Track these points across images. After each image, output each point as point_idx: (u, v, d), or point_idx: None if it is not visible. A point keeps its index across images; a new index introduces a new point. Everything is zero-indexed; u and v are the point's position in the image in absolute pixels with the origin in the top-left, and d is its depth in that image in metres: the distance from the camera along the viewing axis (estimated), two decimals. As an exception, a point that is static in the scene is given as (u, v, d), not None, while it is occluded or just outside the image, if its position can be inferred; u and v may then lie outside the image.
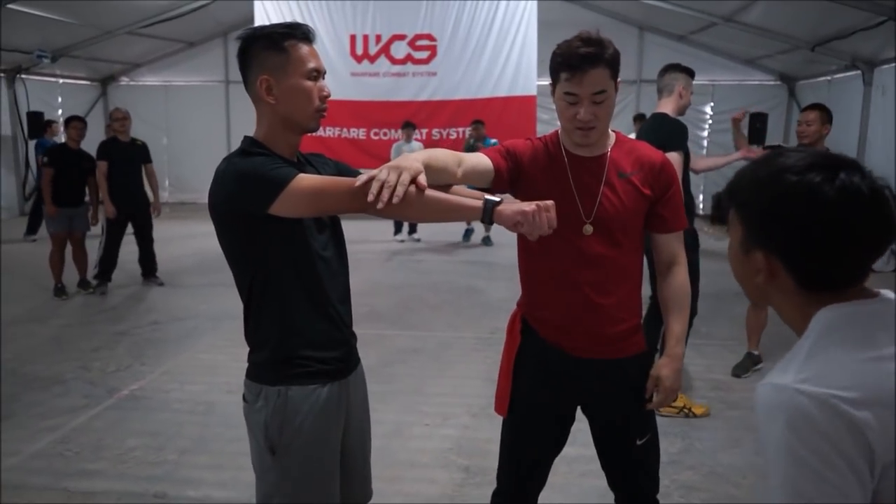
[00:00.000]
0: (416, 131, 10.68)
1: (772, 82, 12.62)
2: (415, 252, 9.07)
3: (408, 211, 1.61)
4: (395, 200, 1.49)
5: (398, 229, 9.89)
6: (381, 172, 1.54)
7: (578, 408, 2.15)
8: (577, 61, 1.82)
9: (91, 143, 7.15)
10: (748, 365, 4.66)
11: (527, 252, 2.10)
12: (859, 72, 9.68)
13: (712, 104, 12.59)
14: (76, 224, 6.75)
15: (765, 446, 0.94)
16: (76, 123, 6.84)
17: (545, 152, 2.02)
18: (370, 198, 1.49)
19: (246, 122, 9.32)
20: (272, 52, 1.69)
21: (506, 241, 9.75)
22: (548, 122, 12.77)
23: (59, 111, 12.80)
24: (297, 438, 1.73)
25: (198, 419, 3.96)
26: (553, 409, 2.10)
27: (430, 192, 1.60)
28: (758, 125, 10.34)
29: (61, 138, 10.33)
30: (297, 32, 1.69)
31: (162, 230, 7.41)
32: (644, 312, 2.61)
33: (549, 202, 1.64)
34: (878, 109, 9.32)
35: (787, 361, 0.97)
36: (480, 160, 1.91)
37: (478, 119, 9.92)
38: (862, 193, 0.92)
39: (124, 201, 6.86)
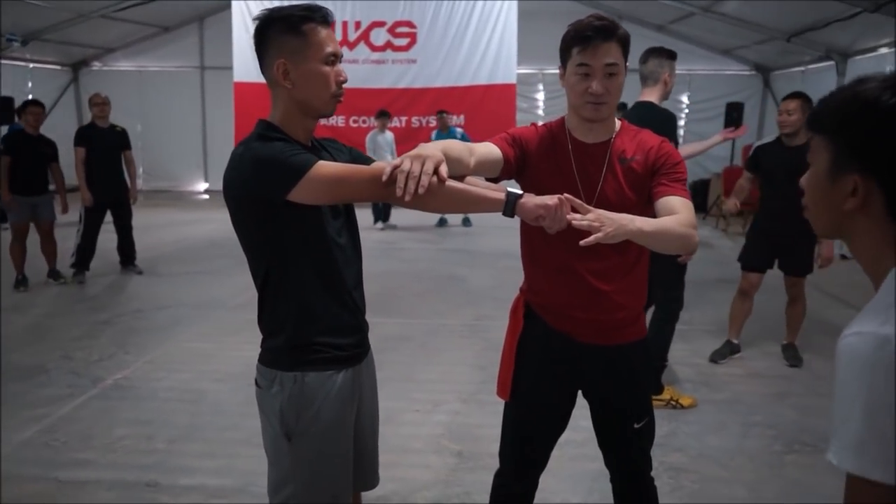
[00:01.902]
0: (396, 119, 10.67)
1: (747, 72, 12.78)
2: (396, 240, 9.06)
3: (432, 202, 1.62)
4: (420, 191, 1.49)
5: (377, 218, 9.88)
6: (405, 163, 1.54)
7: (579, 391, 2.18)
8: (592, 32, 1.85)
9: (61, 129, 6.98)
10: (726, 352, 4.72)
11: (529, 239, 2.11)
12: (833, 62, 9.83)
13: (689, 93, 12.72)
14: (41, 213, 6.50)
15: (846, 391, 0.92)
16: (33, 108, 6.54)
17: (550, 139, 2.03)
18: (399, 192, 1.49)
19: (222, 108, 9.29)
20: (290, 35, 1.67)
21: (486, 227, 9.80)
22: (526, 111, 12.82)
23: (29, 96, 12.51)
24: (313, 425, 1.73)
25: (187, 408, 3.93)
26: (555, 392, 2.12)
27: (452, 184, 1.61)
28: (734, 114, 10.47)
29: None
30: (317, 16, 1.67)
31: (138, 218, 7.29)
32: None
33: (570, 197, 1.65)
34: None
35: (882, 310, 0.94)
36: (490, 150, 1.92)
37: (442, 109, 10.04)
38: None
39: (103, 188, 6.73)
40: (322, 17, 1.68)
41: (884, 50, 8.82)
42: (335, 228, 1.76)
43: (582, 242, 1.64)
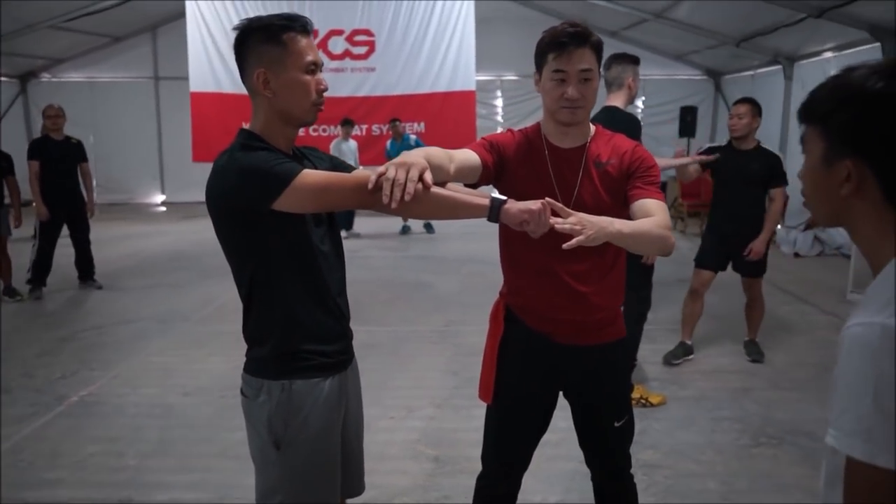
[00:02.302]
0: (356, 127, 10.65)
1: (699, 77, 13.11)
2: (361, 248, 9.03)
3: (417, 208, 1.63)
4: (406, 198, 1.50)
5: (340, 226, 9.85)
6: (390, 171, 1.55)
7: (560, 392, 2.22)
8: (567, 38, 1.90)
9: (9, 143, 6.78)
10: (679, 353, 4.75)
11: (508, 243, 2.14)
12: (781, 66, 10.16)
13: (643, 98, 12.97)
14: None
15: (851, 378, 0.94)
16: None
17: (526, 144, 2.07)
18: (385, 199, 1.50)
19: (178, 119, 9.15)
20: (270, 45, 1.67)
21: (449, 233, 9.84)
22: (486, 118, 12.94)
23: (-25, 109, 12.15)
24: (302, 432, 1.73)
25: (156, 422, 3.86)
26: (537, 394, 2.16)
27: (437, 190, 1.63)
28: (688, 118, 10.75)
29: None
30: (297, 25, 1.68)
31: (95, 232, 7.10)
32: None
33: (551, 201, 1.69)
34: (798, 102, 9.68)
35: (885, 300, 0.96)
36: (469, 156, 1.94)
37: (395, 118, 10.12)
38: None
39: (59, 202, 6.56)
40: (302, 27, 1.69)
41: (828, 54, 9.15)
42: (318, 236, 1.76)
43: (565, 245, 1.67)
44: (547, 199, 1.70)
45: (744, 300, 4.91)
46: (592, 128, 2.09)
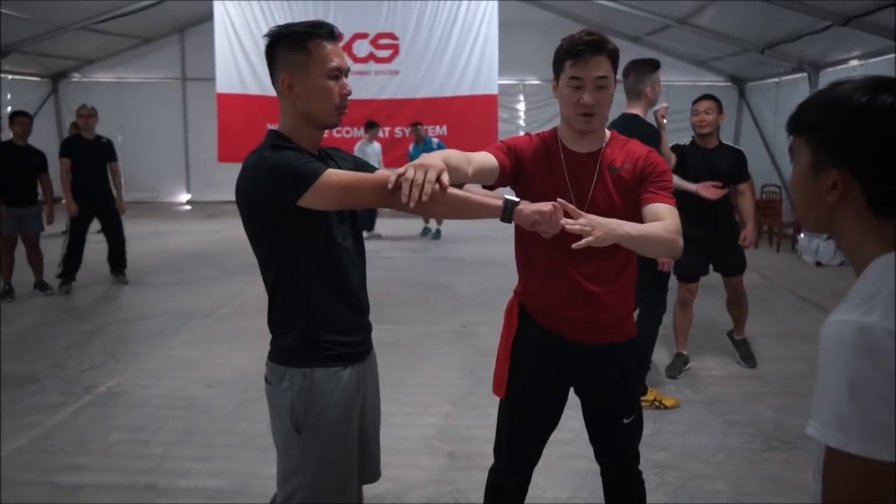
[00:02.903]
0: (380, 129, 10.77)
1: (723, 83, 13.04)
2: (382, 249, 9.14)
3: (434, 208, 1.72)
4: (424, 198, 1.59)
5: (362, 227, 9.96)
6: (409, 172, 1.64)
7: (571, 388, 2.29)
8: (583, 46, 1.97)
9: (41, 141, 6.99)
10: (679, 366, 4.69)
11: (523, 244, 2.21)
12: (806, 74, 10.10)
13: (666, 105, 12.89)
14: (28, 225, 6.51)
15: (830, 373, 1.01)
16: (21, 119, 6.55)
17: (543, 148, 2.14)
18: (403, 199, 1.60)
19: (204, 119, 9.34)
20: (295, 51, 1.76)
21: (468, 237, 9.91)
22: (508, 122, 12.99)
23: (8, 108, 12.44)
24: (321, 418, 1.82)
25: (180, 413, 3.98)
26: (549, 389, 2.23)
27: (453, 191, 1.71)
28: (710, 125, 10.73)
29: (9, 134, 10.06)
30: (322, 31, 1.77)
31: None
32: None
33: (563, 202, 1.77)
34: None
35: (864, 299, 1.02)
36: (487, 159, 2.02)
37: (416, 121, 10.21)
38: None
39: (88, 199, 6.76)
40: (328, 32, 1.79)
41: (854, 62, 9.10)
42: (341, 233, 1.85)
43: (574, 245, 1.75)
44: (559, 200, 1.77)
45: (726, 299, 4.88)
46: (608, 133, 2.16)
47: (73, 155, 6.73)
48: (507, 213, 1.77)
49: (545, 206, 1.74)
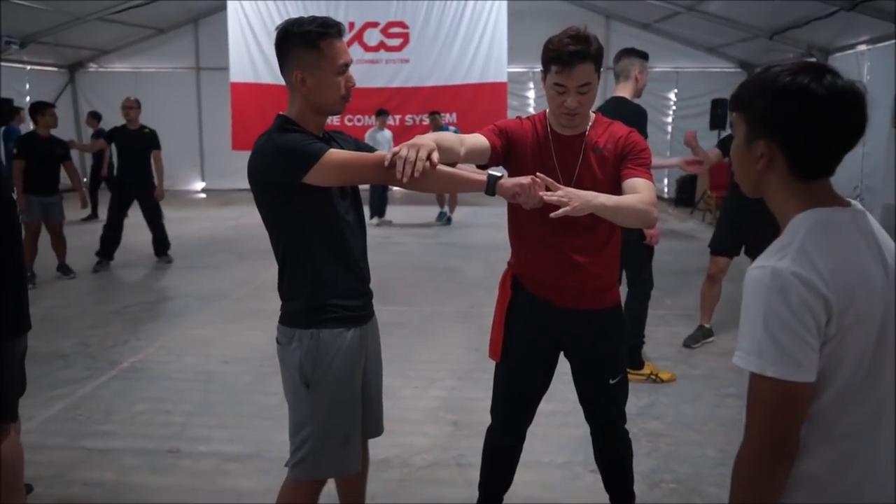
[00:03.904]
0: (390, 117, 10.93)
1: (732, 69, 13.08)
2: (391, 235, 9.34)
3: (425, 183, 1.91)
4: (415, 175, 1.79)
5: (373, 213, 10.16)
6: (402, 150, 1.84)
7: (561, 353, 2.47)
8: (567, 57, 2.11)
9: (58, 130, 7.22)
10: (699, 337, 4.93)
11: (514, 219, 2.39)
12: (815, 59, 10.15)
13: (676, 91, 13.04)
14: (51, 213, 6.72)
15: (749, 310, 1.19)
16: (49, 110, 6.77)
17: (533, 131, 2.31)
18: (398, 175, 1.80)
19: (218, 108, 9.61)
20: (307, 49, 1.94)
21: (478, 224, 10.08)
22: (518, 109, 13.09)
23: (27, 98, 12.71)
24: (328, 374, 2.02)
25: (199, 387, 4.20)
26: (540, 352, 2.41)
27: (442, 168, 1.90)
28: (719, 111, 10.77)
29: (29, 125, 10.34)
30: (332, 31, 1.94)
31: (138, 217, 7.59)
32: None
33: (542, 176, 1.94)
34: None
35: (780, 249, 1.21)
36: (479, 140, 2.20)
37: (435, 110, 10.37)
38: (845, 90, 1.20)
39: (130, 185, 7.28)
40: (337, 31, 1.96)
41: (862, 47, 9.15)
42: (343, 207, 2.05)
43: (552, 215, 1.93)
44: (538, 174, 1.94)
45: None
46: (592, 116, 2.32)
47: (119, 144, 7.36)
48: (490, 186, 1.96)
49: (524, 180, 1.93)
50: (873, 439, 1.24)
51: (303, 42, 1.94)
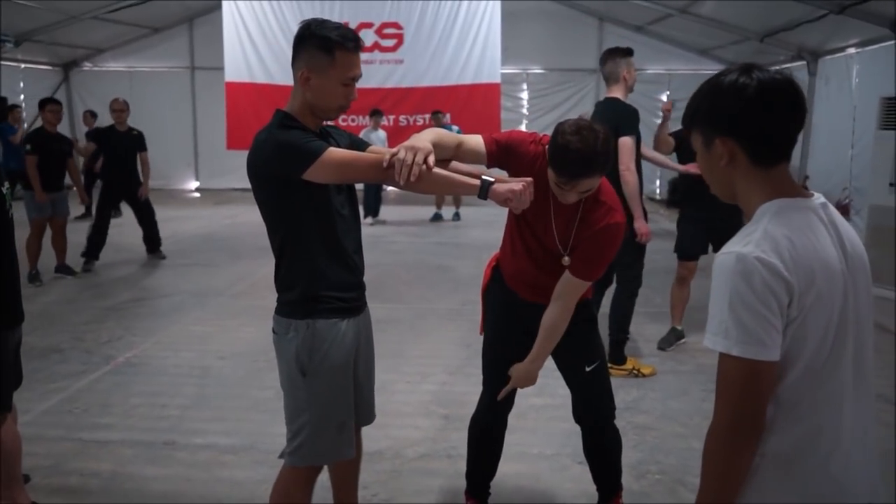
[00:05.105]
0: (384, 118, 11.00)
1: (724, 72, 13.19)
2: (386, 234, 9.40)
3: (422, 185, 1.96)
4: (412, 179, 1.87)
5: (367, 213, 10.21)
6: (400, 153, 1.91)
7: None
8: (575, 171, 2.09)
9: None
10: (672, 339, 4.91)
11: (509, 220, 2.48)
12: (805, 62, 10.27)
13: (668, 92, 13.12)
14: (58, 209, 6.79)
15: (717, 294, 1.26)
16: (53, 107, 6.79)
17: (541, 161, 2.23)
18: (397, 178, 1.88)
19: (212, 108, 9.73)
20: (321, 52, 1.99)
21: (473, 223, 10.16)
22: (511, 110, 13.21)
23: (21, 96, 12.73)
24: (323, 363, 2.09)
25: (194, 381, 4.26)
26: (509, 334, 2.55)
27: (437, 171, 1.97)
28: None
29: (24, 124, 10.38)
30: (350, 44, 1.99)
31: (132, 215, 7.67)
32: None
33: (530, 180, 2.02)
34: (822, 97, 9.93)
35: (745, 235, 1.28)
36: (478, 144, 2.25)
37: (437, 110, 10.46)
38: (773, 79, 1.29)
39: (118, 185, 7.33)
40: (355, 46, 2.01)
41: (851, 50, 9.25)
42: (339, 202, 2.11)
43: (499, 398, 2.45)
44: (529, 178, 2.02)
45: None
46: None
47: (107, 144, 7.36)
48: (483, 191, 2.03)
49: (516, 185, 2.00)
50: (838, 415, 1.31)
51: (320, 45, 1.99)
